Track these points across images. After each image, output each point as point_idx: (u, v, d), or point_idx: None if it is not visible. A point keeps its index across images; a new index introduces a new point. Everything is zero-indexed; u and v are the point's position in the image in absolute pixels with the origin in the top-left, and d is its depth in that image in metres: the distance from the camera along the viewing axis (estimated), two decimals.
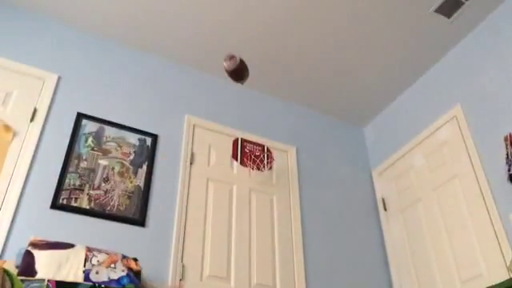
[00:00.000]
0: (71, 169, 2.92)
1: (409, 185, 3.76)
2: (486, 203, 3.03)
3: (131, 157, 3.17)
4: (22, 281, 2.11)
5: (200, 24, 3.54)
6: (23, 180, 2.73)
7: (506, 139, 2.99)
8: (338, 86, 4.09)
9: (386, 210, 3.92)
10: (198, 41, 3.68)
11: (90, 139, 3.11)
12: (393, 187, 3.92)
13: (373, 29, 3.55)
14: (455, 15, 3.42)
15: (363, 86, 4.07)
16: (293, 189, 3.67)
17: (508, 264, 2.75)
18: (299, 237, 3.44)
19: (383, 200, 3.97)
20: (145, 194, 3.05)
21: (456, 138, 3.41)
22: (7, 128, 2.90)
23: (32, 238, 2.35)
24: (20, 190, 2.69)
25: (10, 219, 2.58)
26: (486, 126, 3.21)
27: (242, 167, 3.57)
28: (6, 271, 2.09)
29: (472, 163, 3.21)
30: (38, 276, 2.16)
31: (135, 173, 3.11)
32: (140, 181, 3.09)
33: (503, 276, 2.77)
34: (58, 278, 2.18)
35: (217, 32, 3.60)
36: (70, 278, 2.21)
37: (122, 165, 3.11)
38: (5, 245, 2.50)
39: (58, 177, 2.84)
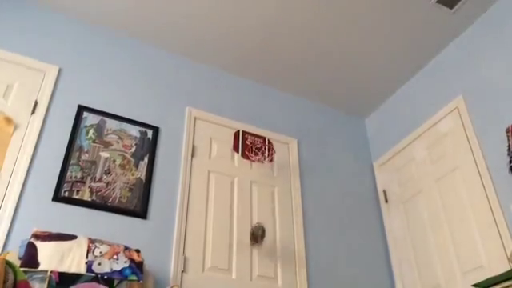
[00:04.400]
0: (72, 161, 2.92)
1: (410, 176, 3.76)
2: (487, 195, 3.03)
3: (132, 149, 3.17)
4: (25, 272, 2.12)
5: (201, 16, 3.52)
6: (25, 172, 2.74)
7: (507, 131, 2.99)
8: (339, 78, 4.08)
9: (387, 201, 3.92)
10: (200, 33, 3.67)
11: (91, 131, 3.11)
12: (394, 179, 3.92)
13: (374, 20, 3.53)
14: (457, 6, 3.40)
15: (364, 77, 4.06)
16: (294, 181, 3.67)
17: (509, 255, 2.75)
18: (300, 228, 3.45)
19: (384, 192, 3.98)
20: (146, 186, 3.05)
21: (458, 130, 3.40)
22: (8, 120, 2.90)
23: (34, 230, 2.36)
24: (22, 183, 2.70)
25: (13, 211, 2.59)
26: (487, 118, 3.20)
27: (244, 159, 3.57)
28: (8, 263, 2.09)
29: (473, 155, 3.21)
30: (41, 267, 2.17)
31: (136, 165, 3.11)
32: (141, 173, 3.10)
33: (504, 267, 2.78)
34: (61, 270, 2.19)
35: (218, 24, 3.58)
36: (73, 270, 2.22)
37: (124, 157, 3.11)
38: (7, 237, 2.51)
39: (59, 169, 2.85)
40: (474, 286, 2.47)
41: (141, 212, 2.94)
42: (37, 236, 2.31)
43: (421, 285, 3.37)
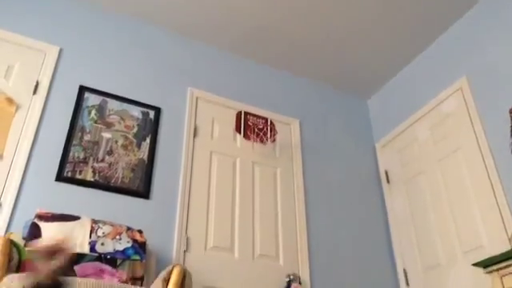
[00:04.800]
0: (75, 142, 2.92)
1: (412, 157, 3.75)
2: (489, 175, 3.03)
3: (134, 130, 3.17)
4: (30, 252, 2.14)
5: None
6: (27, 153, 2.75)
7: (510, 112, 2.96)
8: (342, 58, 4.04)
9: (388, 181, 3.93)
10: (201, 13, 3.62)
11: (93, 112, 3.10)
12: (396, 159, 3.92)
13: (377, 0, 3.48)
14: None
15: (368, 57, 4.02)
16: (296, 161, 3.68)
17: (510, 235, 2.77)
18: (302, 209, 3.46)
19: (386, 172, 3.98)
20: (148, 166, 3.06)
21: (461, 111, 3.38)
22: (10, 101, 2.89)
23: (38, 211, 2.38)
24: (24, 163, 2.71)
25: (16, 192, 2.61)
26: (491, 99, 3.17)
27: (246, 140, 3.57)
28: (13, 242, 2.12)
29: (476, 135, 3.19)
30: None
31: (139, 146, 3.12)
32: (144, 154, 3.10)
33: (505, 247, 2.79)
34: None
35: (219, 4, 3.53)
36: (77, 250, 2.24)
37: (126, 138, 3.11)
38: (11, 217, 2.53)
39: (61, 150, 2.85)
40: (474, 265, 2.49)
41: (143, 192, 2.96)
42: (40, 216, 2.33)
43: (421, 263, 3.41)
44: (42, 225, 2.28)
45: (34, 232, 2.26)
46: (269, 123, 3.75)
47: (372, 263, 3.53)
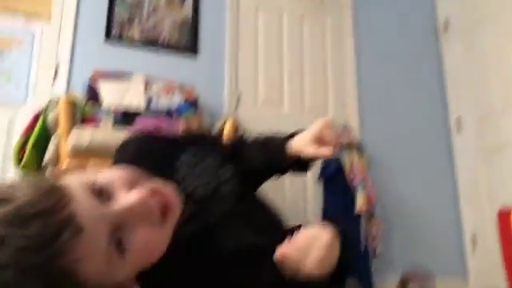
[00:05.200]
0: (118, 2, 2.87)
1: (475, 4, 3.42)
2: None
3: None
4: (90, 109, 2.27)
5: None
6: (74, 15, 2.75)
7: None
8: None
9: (447, 31, 3.67)
10: None
11: None
12: (457, 6, 3.59)
13: None
14: None
15: None
16: (347, 11, 3.46)
17: None
18: (353, 61, 3.35)
19: (446, 20, 3.68)
20: (194, 24, 3.00)
21: None
22: None
23: (94, 70, 2.46)
24: (73, 25, 2.73)
25: (69, 54, 2.68)
26: None
27: None
28: (74, 101, 2.24)
29: None
30: (104, 105, 2.31)
31: (182, 3, 3.02)
32: (188, 11, 3.02)
33: None
34: (123, 106, 2.33)
35: None
36: (133, 106, 2.35)
37: None
38: (69, 79, 2.64)
39: (106, 10, 2.82)
40: None
41: (191, 49, 2.94)
42: (97, 75, 2.42)
43: (475, 112, 3.31)
44: (100, 83, 2.37)
45: (92, 91, 2.37)
46: None
47: (424, 111, 3.47)
